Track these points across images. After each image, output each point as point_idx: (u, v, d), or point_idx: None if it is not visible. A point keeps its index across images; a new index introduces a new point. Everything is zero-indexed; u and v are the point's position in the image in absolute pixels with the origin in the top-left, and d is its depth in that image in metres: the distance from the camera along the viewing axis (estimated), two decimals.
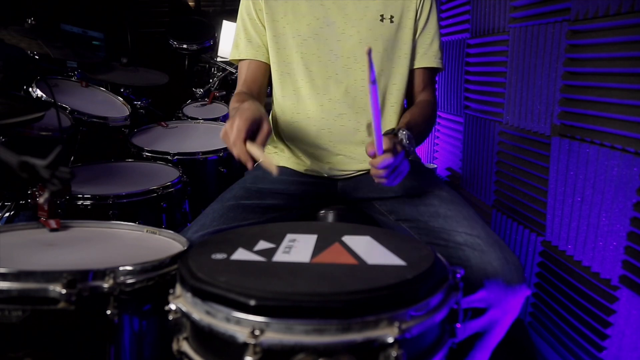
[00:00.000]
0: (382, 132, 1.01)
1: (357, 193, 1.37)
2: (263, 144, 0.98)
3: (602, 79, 1.37)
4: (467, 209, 1.20)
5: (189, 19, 4.17)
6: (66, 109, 2.03)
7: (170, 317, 0.71)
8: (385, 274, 0.71)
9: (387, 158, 0.99)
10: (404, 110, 1.39)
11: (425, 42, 1.37)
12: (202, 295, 0.67)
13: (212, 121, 2.69)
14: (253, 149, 0.95)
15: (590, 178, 1.39)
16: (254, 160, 0.97)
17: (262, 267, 0.74)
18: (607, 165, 1.33)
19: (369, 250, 0.81)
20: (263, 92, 1.42)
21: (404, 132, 1.13)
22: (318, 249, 0.81)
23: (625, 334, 1.29)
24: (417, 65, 1.37)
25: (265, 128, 0.99)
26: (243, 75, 1.39)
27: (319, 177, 1.38)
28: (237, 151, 0.95)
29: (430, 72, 1.41)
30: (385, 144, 1.00)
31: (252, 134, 0.98)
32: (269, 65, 1.38)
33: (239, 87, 1.39)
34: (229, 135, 0.97)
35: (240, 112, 0.99)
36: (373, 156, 1.00)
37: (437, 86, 2.80)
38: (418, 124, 1.26)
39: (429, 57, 1.37)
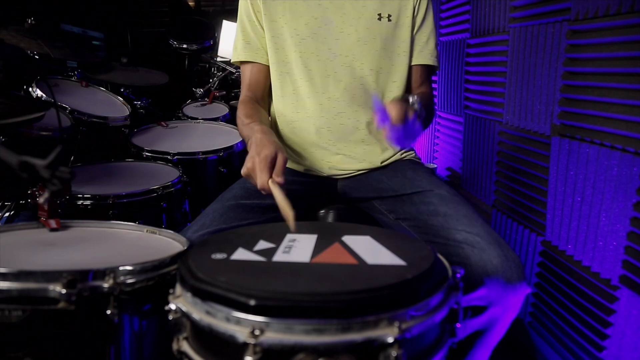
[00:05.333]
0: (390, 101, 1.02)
1: (356, 192, 1.37)
2: (281, 174, 1.02)
3: (602, 79, 1.37)
4: (466, 207, 1.19)
5: (189, 19, 4.17)
6: (66, 109, 2.03)
7: (170, 317, 0.71)
8: (386, 274, 0.71)
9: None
10: None
11: (422, 40, 1.39)
12: (202, 295, 0.67)
13: (212, 121, 2.68)
14: (275, 190, 1.00)
15: (590, 178, 1.39)
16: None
17: (262, 267, 0.74)
18: (607, 165, 1.33)
19: (369, 250, 0.81)
20: (267, 94, 1.44)
21: (415, 97, 1.11)
22: (318, 249, 0.81)
23: (625, 334, 1.29)
24: (413, 62, 1.39)
25: (280, 160, 1.04)
26: (247, 80, 1.42)
27: (318, 177, 1.38)
28: (265, 193, 1.02)
29: (427, 69, 1.43)
30: (395, 109, 0.98)
31: (272, 168, 1.04)
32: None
33: (244, 92, 1.42)
34: (252, 176, 1.04)
35: (258, 147, 1.06)
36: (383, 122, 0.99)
37: (437, 86, 2.81)
38: (424, 100, 1.25)
39: (424, 55, 1.39)
